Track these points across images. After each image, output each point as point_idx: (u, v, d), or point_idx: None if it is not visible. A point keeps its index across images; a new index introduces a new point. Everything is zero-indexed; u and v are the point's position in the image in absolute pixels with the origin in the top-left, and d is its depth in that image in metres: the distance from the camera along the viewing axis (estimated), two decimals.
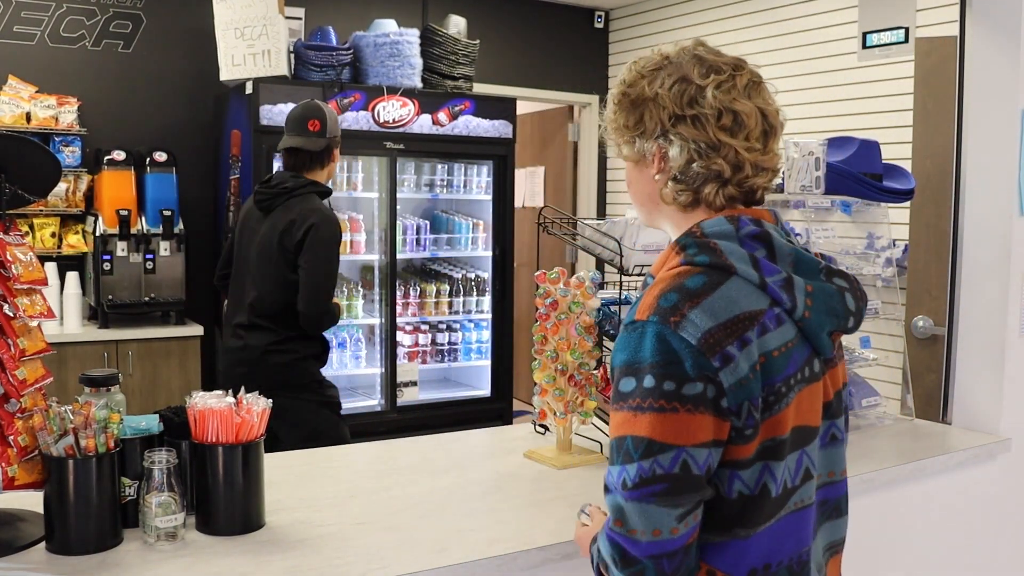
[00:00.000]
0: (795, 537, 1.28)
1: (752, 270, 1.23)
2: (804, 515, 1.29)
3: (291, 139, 3.19)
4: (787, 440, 1.23)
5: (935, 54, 3.23)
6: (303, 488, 2.01)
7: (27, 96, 4.67)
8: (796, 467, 1.26)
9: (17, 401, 1.66)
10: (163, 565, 1.56)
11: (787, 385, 1.23)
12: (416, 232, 5.39)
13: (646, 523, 1.17)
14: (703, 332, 1.17)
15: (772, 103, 1.32)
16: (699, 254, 1.25)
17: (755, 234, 1.27)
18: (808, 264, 1.30)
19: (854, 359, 2.71)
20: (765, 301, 1.23)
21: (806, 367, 1.27)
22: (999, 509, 2.60)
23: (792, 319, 1.25)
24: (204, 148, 5.30)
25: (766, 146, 1.30)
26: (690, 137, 1.27)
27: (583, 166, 6.83)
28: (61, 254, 4.76)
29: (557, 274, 2.22)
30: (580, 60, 6.65)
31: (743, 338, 1.19)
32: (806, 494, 1.29)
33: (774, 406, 1.22)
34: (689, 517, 1.18)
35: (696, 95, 1.27)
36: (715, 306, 1.19)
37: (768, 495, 1.22)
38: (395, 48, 5.03)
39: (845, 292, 1.32)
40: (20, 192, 1.78)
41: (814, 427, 1.30)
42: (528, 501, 1.95)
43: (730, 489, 1.22)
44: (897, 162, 2.93)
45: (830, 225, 2.76)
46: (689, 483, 1.17)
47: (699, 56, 1.30)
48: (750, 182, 1.30)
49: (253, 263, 3.19)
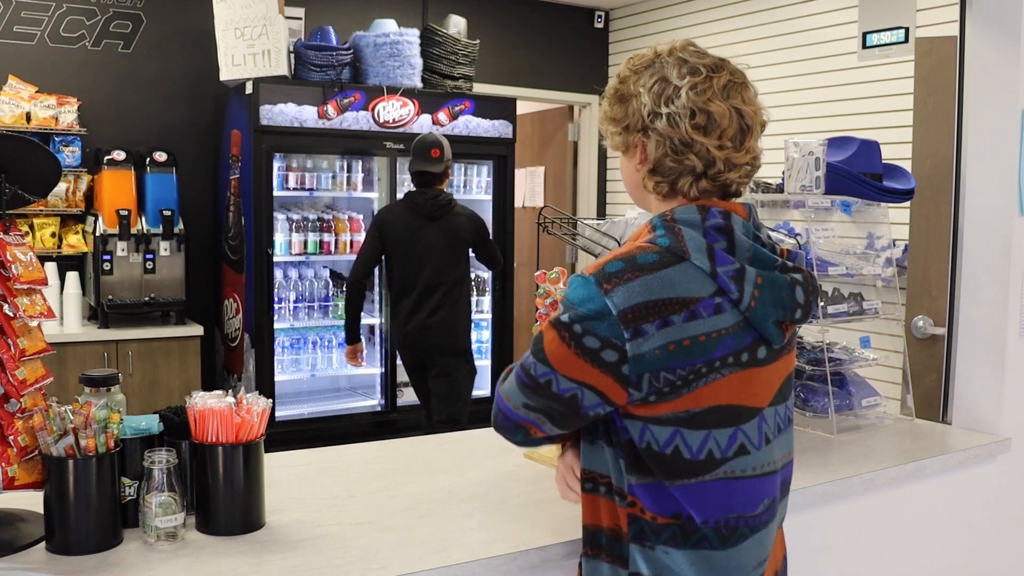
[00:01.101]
0: (724, 503, 1.38)
1: (706, 260, 1.33)
2: (737, 485, 1.39)
3: (421, 164, 4.32)
4: (705, 414, 1.35)
5: (935, 54, 3.23)
6: (303, 488, 2.01)
7: (27, 96, 4.67)
8: (729, 441, 1.37)
9: (17, 401, 1.66)
10: (163, 565, 1.56)
11: (710, 366, 1.33)
12: None
13: (508, 390, 1.45)
14: (628, 306, 1.30)
15: (751, 103, 1.41)
16: (663, 236, 1.36)
17: (719, 226, 1.37)
18: (764, 259, 1.39)
19: (854, 359, 2.71)
20: (709, 289, 1.33)
21: (744, 352, 1.36)
22: (999, 509, 2.60)
23: (737, 308, 1.34)
24: (204, 148, 5.30)
25: (741, 144, 1.39)
26: (665, 134, 1.38)
27: (583, 166, 6.83)
28: (61, 254, 4.76)
29: (557, 274, 2.22)
30: (580, 60, 6.65)
31: (666, 319, 1.31)
32: (740, 466, 1.39)
33: (692, 383, 1.33)
34: (533, 414, 1.41)
35: (672, 95, 1.37)
36: (652, 284, 1.31)
37: (681, 456, 1.35)
38: (395, 48, 5.03)
39: (797, 285, 1.40)
40: (20, 192, 1.77)
41: (753, 407, 1.40)
42: (528, 501, 1.95)
43: (640, 438, 1.36)
44: (897, 162, 2.93)
45: (830, 225, 2.76)
46: (544, 392, 1.38)
47: (682, 57, 1.40)
48: (723, 177, 1.39)
49: (439, 255, 4.34)
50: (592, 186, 6.80)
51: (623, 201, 6.56)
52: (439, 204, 4.36)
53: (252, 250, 4.86)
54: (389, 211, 4.48)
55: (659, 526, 1.38)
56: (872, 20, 2.82)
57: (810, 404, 2.61)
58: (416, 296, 4.34)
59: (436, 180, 4.37)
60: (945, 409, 2.72)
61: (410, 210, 4.37)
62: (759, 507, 1.42)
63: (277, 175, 4.90)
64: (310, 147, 4.96)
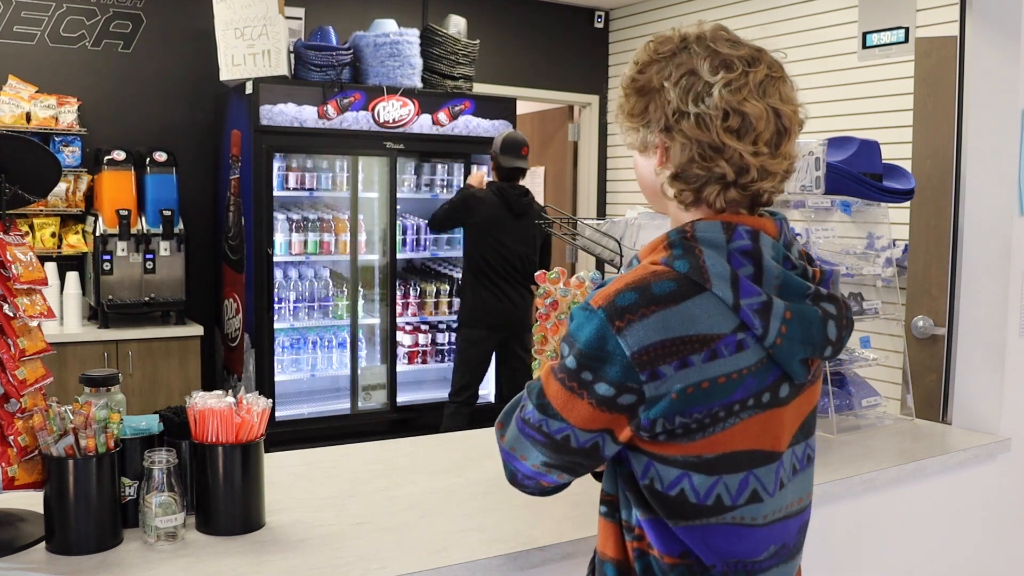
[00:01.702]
0: (730, 549, 1.26)
1: (729, 290, 1.17)
2: (746, 532, 1.26)
3: (515, 161, 4.86)
4: (720, 460, 1.21)
5: (935, 54, 3.23)
6: (303, 488, 2.01)
7: (27, 96, 4.67)
8: (740, 487, 1.23)
9: (17, 401, 1.66)
10: (163, 565, 1.56)
11: (729, 411, 1.20)
12: (416, 232, 5.39)
13: (519, 446, 1.28)
14: (642, 346, 1.15)
15: (789, 100, 1.24)
16: (681, 259, 1.20)
17: (746, 249, 1.21)
18: (795, 287, 1.23)
19: (854, 359, 2.71)
20: (730, 324, 1.18)
21: (766, 393, 1.22)
22: (999, 509, 2.60)
23: (761, 345, 1.19)
24: (204, 148, 5.30)
25: (777, 149, 1.23)
26: (692, 136, 1.20)
27: (583, 166, 6.83)
28: (61, 254, 4.76)
29: (557, 274, 2.22)
30: (580, 60, 6.65)
31: (685, 360, 1.16)
32: (750, 514, 1.25)
33: (708, 428, 1.19)
34: (554, 472, 1.27)
35: (703, 92, 1.20)
36: (670, 320, 1.16)
37: (687, 500, 1.22)
38: (395, 48, 5.03)
39: (829, 319, 1.26)
40: (20, 192, 1.77)
41: (771, 451, 1.26)
42: (528, 501, 1.94)
43: (643, 475, 1.24)
44: (897, 162, 2.93)
45: (830, 225, 2.76)
46: (564, 450, 1.24)
47: (713, 48, 1.22)
48: (755, 186, 1.23)
49: (528, 245, 4.93)
50: (592, 186, 6.80)
51: (623, 201, 6.56)
52: (525, 202, 4.89)
53: (252, 250, 4.86)
54: (479, 194, 4.85)
55: (666, 565, 1.26)
56: (872, 20, 2.82)
57: None
58: (505, 279, 4.89)
59: (521, 176, 4.91)
60: (945, 409, 2.72)
61: (501, 201, 4.83)
62: (763, 554, 1.29)
63: (277, 175, 4.90)
64: (310, 147, 4.96)
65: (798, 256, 1.30)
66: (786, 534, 1.32)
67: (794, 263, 1.28)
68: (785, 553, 1.33)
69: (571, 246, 2.85)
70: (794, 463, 1.30)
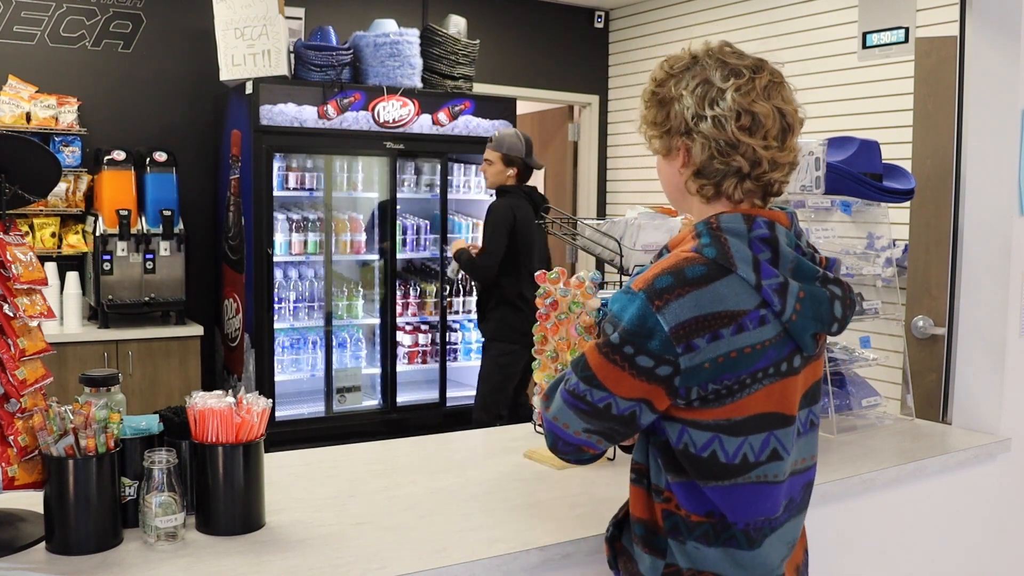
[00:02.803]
0: (753, 506, 1.41)
1: (752, 272, 1.35)
2: (767, 489, 1.42)
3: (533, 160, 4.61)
4: (746, 422, 1.38)
5: (935, 54, 3.23)
6: (303, 488, 2.01)
7: (27, 96, 4.67)
8: (762, 446, 1.39)
9: (17, 401, 1.66)
10: (163, 565, 1.56)
11: (753, 377, 1.36)
12: (416, 232, 5.39)
13: (562, 415, 1.44)
14: (679, 322, 1.32)
15: (791, 101, 1.43)
16: (709, 246, 1.37)
17: (764, 237, 1.39)
18: (807, 271, 1.41)
19: (854, 359, 2.71)
20: (754, 301, 1.35)
21: (783, 363, 1.39)
22: (999, 509, 2.60)
23: (779, 320, 1.36)
24: (204, 148, 5.30)
25: (784, 143, 1.41)
26: (711, 136, 1.38)
27: (583, 166, 6.83)
28: (61, 254, 4.76)
29: (557, 274, 2.22)
30: (580, 60, 6.65)
31: (716, 333, 1.32)
32: (772, 471, 1.41)
33: (736, 393, 1.36)
34: (594, 436, 1.43)
35: (717, 97, 1.38)
36: (702, 299, 1.33)
37: (717, 459, 1.38)
38: (395, 48, 5.03)
39: (836, 300, 1.42)
40: (20, 192, 1.77)
41: (787, 415, 1.42)
42: (528, 501, 1.95)
43: (678, 440, 1.39)
44: (897, 162, 2.93)
45: (830, 225, 2.76)
46: (605, 416, 1.39)
47: (722, 59, 1.41)
48: (767, 177, 1.41)
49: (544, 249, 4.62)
50: (592, 186, 6.80)
51: (623, 201, 6.56)
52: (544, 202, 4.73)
53: (252, 250, 4.86)
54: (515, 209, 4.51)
55: (692, 523, 1.42)
56: (872, 20, 2.82)
57: None
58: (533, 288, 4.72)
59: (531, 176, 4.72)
60: (945, 409, 2.72)
61: (529, 205, 4.59)
62: (779, 509, 1.45)
63: (277, 175, 4.90)
64: (310, 147, 4.96)
65: (807, 245, 1.48)
66: (793, 490, 1.48)
67: (804, 251, 1.45)
68: (793, 507, 1.49)
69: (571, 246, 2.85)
70: (799, 427, 1.46)
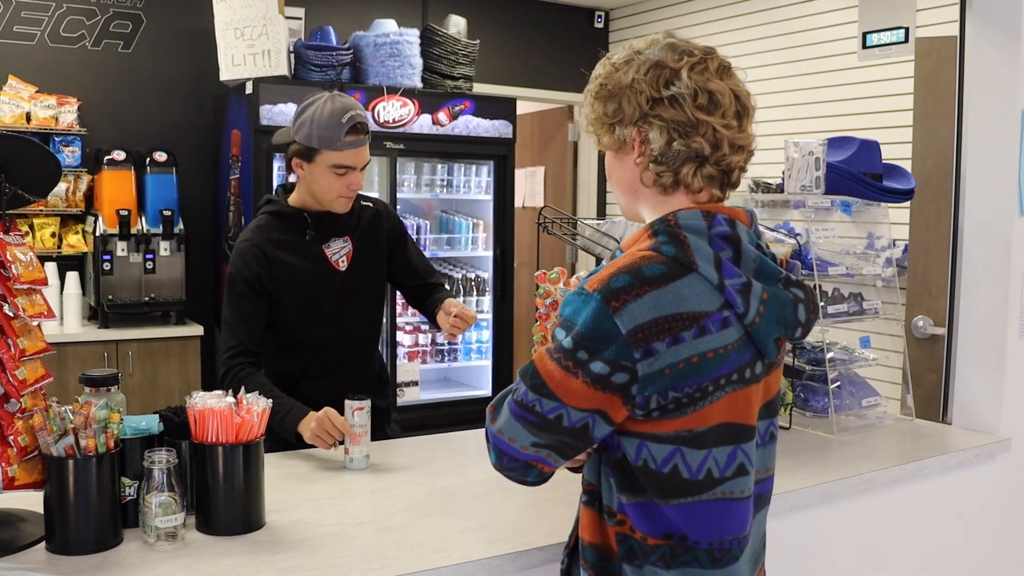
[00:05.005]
0: (719, 525, 1.33)
1: (714, 271, 1.27)
2: (734, 506, 1.34)
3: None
4: (708, 432, 1.29)
5: (935, 54, 3.23)
6: (303, 488, 2.01)
7: (27, 96, 4.67)
8: (728, 460, 1.32)
9: (17, 401, 1.66)
10: (163, 565, 1.56)
11: (716, 384, 1.28)
12: (416, 232, 5.39)
13: (509, 429, 1.33)
14: (637, 324, 1.23)
15: (742, 86, 1.37)
16: (667, 244, 1.28)
17: (725, 235, 1.31)
18: (770, 272, 1.34)
19: (854, 359, 2.71)
20: (716, 303, 1.27)
21: (746, 369, 1.31)
22: (999, 509, 2.60)
23: (741, 323, 1.29)
24: (204, 148, 5.30)
25: (741, 125, 1.35)
26: (668, 118, 1.31)
27: (583, 166, 6.83)
28: (61, 254, 4.75)
29: (557, 274, 2.22)
30: (580, 60, 6.59)
31: (677, 336, 1.24)
32: (738, 487, 1.34)
33: (698, 402, 1.27)
34: (544, 451, 1.32)
35: (671, 77, 1.32)
36: (662, 299, 1.24)
37: (679, 475, 1.29)
38: (395, 48, 5.02)
39: (799, 303, 1.36)
40: (20, 192, 1.78)
41: (749, 425, 1.34)
42: (528, 501, 1.95)
43: (636, 456, 1.30)
44: (897, 162, 2.94)
45: (830, 225, 2.76)
46: (556, 429, 1.29)
47: (671, 43, 1.35)
48: (727, 160, 1.34)
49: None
50: (592, 186, 6.80)
51: None
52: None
53: None
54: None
55: (649, 547, 1.33)
56: (872, 20, 2.82)
57: (810, 404, 2.61)
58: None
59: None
60: (945, 409, 2.72)
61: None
62: (747, 527, 1.38)
63: (277, 175, 4.90)
64: None
65: (766, 246, 1.41)
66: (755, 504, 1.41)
67: (764, 251, 1.38)
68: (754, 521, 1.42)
69: (571, 246, 2.85)
70: (758, 439, 1.39)
